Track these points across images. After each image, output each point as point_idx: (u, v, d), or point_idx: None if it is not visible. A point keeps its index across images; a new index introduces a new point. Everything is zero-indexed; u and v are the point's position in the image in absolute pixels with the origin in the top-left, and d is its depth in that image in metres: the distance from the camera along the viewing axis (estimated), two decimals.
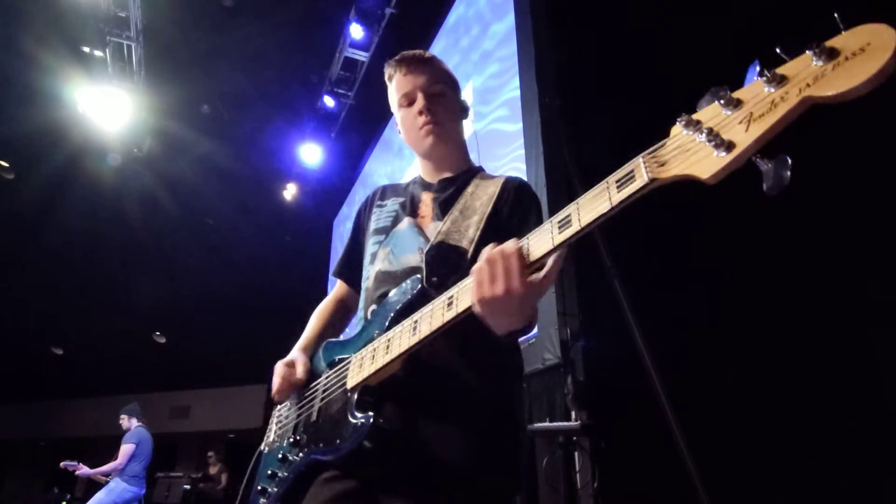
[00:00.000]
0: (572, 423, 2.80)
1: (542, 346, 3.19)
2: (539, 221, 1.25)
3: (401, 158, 6.07)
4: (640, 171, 0.74)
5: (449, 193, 1.35)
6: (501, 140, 4.01)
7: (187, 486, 7.89)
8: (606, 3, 3.58)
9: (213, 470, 9.08)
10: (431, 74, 1.40)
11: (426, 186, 1.41)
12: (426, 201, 1.37)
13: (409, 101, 1.39)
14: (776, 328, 2.65)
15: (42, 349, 12.31)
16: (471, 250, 1.20)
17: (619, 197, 0.76)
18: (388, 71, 1.44)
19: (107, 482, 5.88)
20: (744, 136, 0.65)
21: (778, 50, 0.64)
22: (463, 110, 1.47)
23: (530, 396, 3.33)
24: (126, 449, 5.92)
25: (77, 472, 6.14)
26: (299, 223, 9.53)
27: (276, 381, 1.31)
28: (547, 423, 3.01)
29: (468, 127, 1.56)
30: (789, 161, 0.64)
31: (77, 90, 6.74)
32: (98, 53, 6.34)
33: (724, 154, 0.66)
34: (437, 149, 1.39)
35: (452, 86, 1.45)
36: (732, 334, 2.74)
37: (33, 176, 8.61)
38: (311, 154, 8.18)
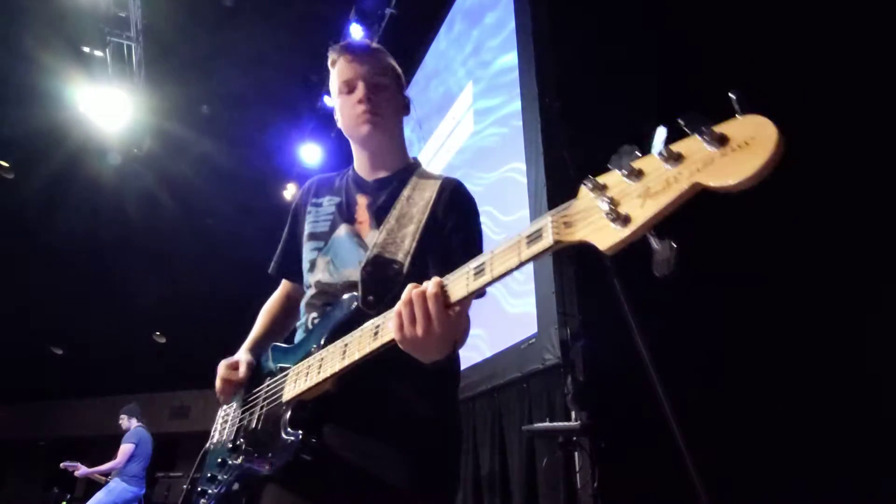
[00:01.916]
0: (572, 423, 2.81)
1: (542, 346, 3.19)
2: (473, 226, 1.29)
3: None
4: (546, 232, 0.77)
5: (384, 199, 1.33)
6: (503, 141, 4.01)
7: (187, 486, 7.88)
8: (607, 3, 3.57)
9: None
10: (375, 65, 1.38)
11: (361, 186, 1.39)
12: (362, 205, 1.35)
13: (349, 88, 1.36)
14: (776, 327, 2.65)
15: (42, 349, 12.31)
16: (406, 263, 1.20)
17: (527, 254, 0.80)
18: (331, 56, 1.42)
19: (106, 482, 5.88)
20: (639, 212, 0.67)
21: (680, 121, 0.64)
22: (405, 106, 1.45)
23: (530, 396, 3.33)
24: (125, 449, 5.92)
25: (76, 473, 6.14)
26: None
27: (218, 382, 1.33)
28: (547, 423, 3.01)
29: (468, 127, 1.56)
30: (674, 247, 0.66)
31: (77, 90, 6.75)
32: (98, 53, 6.34)
33: (620, 228, 0.69)
34: (372, 139, 1.37)
35: (395, 79, 1.42)
36: (733, 334, 2.74)
37: (33, 176, 8.60)
38: (311, 154, 8.18)
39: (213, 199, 9.07)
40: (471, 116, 4.50)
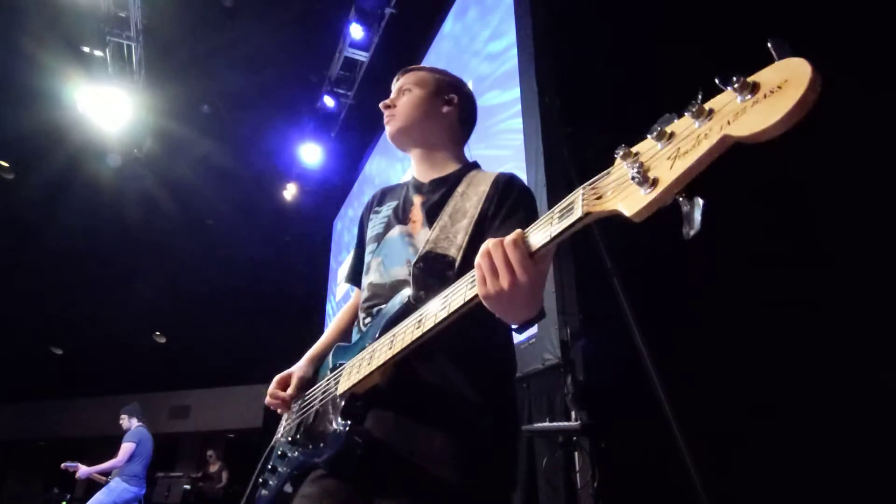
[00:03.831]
0: (572, 423, 2.80)
1: (542, 346, 3.19)
2: (527, 214, 1.26)
3: (403, 159, 6.07)
4: (577, 204, 0.75)
5: (438, 196, 1.34)
6: (502, 140, 4.01)
7: (187, 486, 7.90)
8: (607, 3, 3.57)
9: (212, 468, 9.09)
10: (402, 81, 1.49)
11: (418, 188, 1.42)
12: (417, 205, 1.37)
13: None
14: (777, 327, 2.65)
15: (42, 349, 12.30)
16: (459, 258, 1.19)
17: (558, 228, 0.78)
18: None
19: (106, 482, 5.87)
20: (667, 174, 0.64)
21: (717, 80, 0.61)
22: (446, 103, 1.46)
23: (530, 396, 3.33)
24: (126, 448, 5.91)
25: (77, 474, 6.12)
26: (299, 223, 9.53)
27: (268, 398, 1.39)
28: (547, 423, 3.01)
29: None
30: (701, 203, 0.62)
31: (77, 90, 6.74)
32: (98, 53, 6.34)
33: (648, 191, 0.65)
34: (400, 139, 1.45)
35: (421, 84, 1.47)
36: (733, 334, 2.74)
37: (33, 176, 8.60)
38: (311, 154, 8.18)
39: (213, 199, 9.07)
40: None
